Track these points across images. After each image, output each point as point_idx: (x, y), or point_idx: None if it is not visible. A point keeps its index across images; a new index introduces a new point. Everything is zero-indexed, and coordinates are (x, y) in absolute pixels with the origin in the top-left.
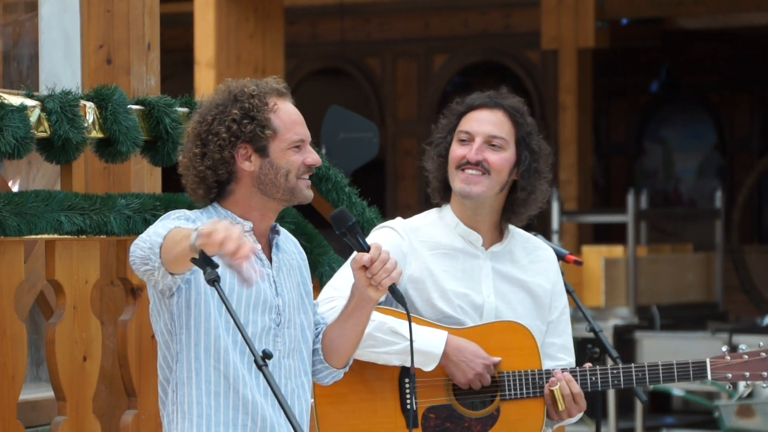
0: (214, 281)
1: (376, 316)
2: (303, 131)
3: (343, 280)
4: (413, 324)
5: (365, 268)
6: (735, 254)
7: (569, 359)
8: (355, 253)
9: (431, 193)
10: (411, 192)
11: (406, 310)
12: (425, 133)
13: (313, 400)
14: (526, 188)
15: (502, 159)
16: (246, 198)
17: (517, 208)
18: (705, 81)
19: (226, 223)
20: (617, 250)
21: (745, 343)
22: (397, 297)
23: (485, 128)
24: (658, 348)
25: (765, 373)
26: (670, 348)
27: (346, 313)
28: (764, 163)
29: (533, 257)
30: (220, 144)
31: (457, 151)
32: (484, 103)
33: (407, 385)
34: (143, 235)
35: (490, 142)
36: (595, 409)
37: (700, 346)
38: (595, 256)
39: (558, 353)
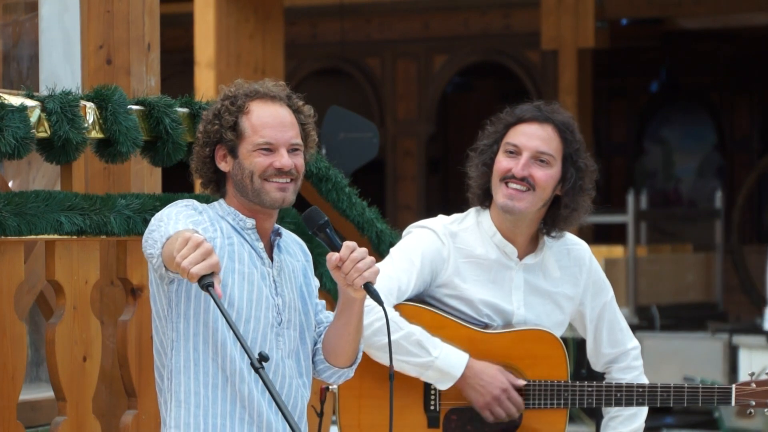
0: (207, 286)
1: (405, 326)
2: (273, 135)
3: None
4: (439, 340)
5: (339, 267)
6: (735, 254)
7: (624, 347)
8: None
9: (470, 198)
10: (411, 192)
11: (384, 311)
12: (425, 133)
13: (336, 392)
14: (569, 205)
15: (548, 175)
16: (235, 197)
17: (558, 223)
18: (705, 81)
19: (190, 240)
20: (617, 251)
21: (745, 343)
22: (373, 296)
23: (534, 143)
24: (658, 348)
25: None
26: (670, 348)
27: (337, 312)
28: (764, 163)
29: (564, 263)
30: (199, 143)
31: (503, 163)
32: (534, 117)
33: (432, 388)
34: (154, 228)
35: (538, 158)
36: (595, 409)
37: (700, 347)
38: (595, 256)
39: (619, 358)
